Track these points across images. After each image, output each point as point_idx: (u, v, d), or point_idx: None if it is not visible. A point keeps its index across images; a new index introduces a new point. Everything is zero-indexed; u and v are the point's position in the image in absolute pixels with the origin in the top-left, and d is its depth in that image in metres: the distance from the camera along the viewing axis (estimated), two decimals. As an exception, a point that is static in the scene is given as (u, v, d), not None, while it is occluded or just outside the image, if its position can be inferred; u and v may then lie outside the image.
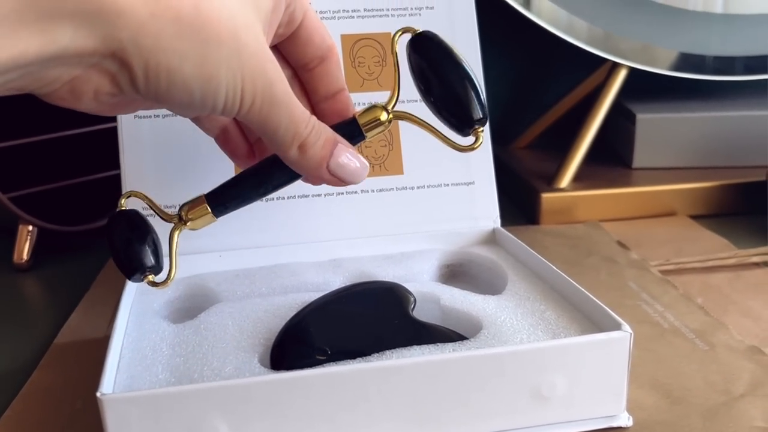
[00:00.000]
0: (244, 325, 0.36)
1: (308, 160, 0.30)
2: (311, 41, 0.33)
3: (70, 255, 0.56)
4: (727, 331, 0.41)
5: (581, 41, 0.62)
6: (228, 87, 0.26)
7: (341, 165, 0.31)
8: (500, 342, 0.34)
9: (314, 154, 0.30)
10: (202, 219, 0.33)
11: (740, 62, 0.66)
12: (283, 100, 0.28)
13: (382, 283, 0.40)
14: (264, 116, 0.28)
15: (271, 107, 0.28)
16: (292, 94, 0.29)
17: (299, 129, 0.29)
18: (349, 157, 0.31)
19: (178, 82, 0.25)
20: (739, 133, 0.65)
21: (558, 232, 0.58)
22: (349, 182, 0.32)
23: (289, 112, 0.29)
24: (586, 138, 0.63)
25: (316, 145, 0.30)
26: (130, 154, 0.44)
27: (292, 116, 0.29)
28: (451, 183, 0.48)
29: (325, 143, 0.30)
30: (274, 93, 0.28)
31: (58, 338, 0.43)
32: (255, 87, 0.27)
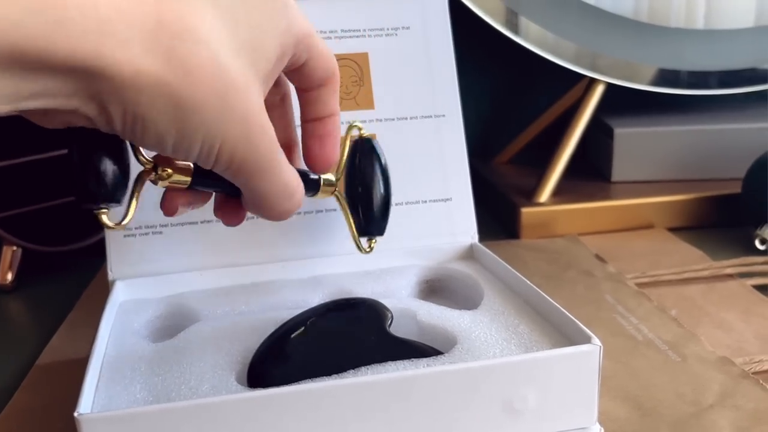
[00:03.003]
0: (223, 344, 0.36)
1: (266, 216, 0.32)
2: (314, 74, 0.33)
3: (54, 276, 0.57)
4: (699, 343, 0.42)
5: (565, 60, 0.64)
6: (203, 147, 0.26)
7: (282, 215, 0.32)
8: (474, 356, 0.34)
9: (277, 216, 0.32)
10: (176, 181, 0.30)
11: (715, 77, 0.68)
12: (267, 169, 0.28)
13: (359, 300, 0.40)
14: (240, 176, 0.28)
15: (251, 171, 0.28)
16: (281, 161, 0.29)
17: (279, 201, 0.30)
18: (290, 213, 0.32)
19: (152, 134, 0.25)
20: (714, 147, 0.66)
21: (537, 247, 0.59)
22: None
23: (272, 182, 0.29)
24: (564, 153, 0.64)
25: (286, 215, 0.32)
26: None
27: (274, 187, 0.29)
28: (429, 200, 0.48)
29: (291, 210, 0.32)
30: (258, 161, 0.28)
31: (40, 359, 0.44)
32: (234, 151, 0.27)
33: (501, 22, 0.63)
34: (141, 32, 0.23)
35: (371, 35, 0.49)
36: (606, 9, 0.66)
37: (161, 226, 0.44)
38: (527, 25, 0.64)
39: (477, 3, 0.62)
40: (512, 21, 0.64)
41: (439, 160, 0.49)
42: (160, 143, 0.26)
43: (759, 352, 0.41)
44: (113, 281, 0.43)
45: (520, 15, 0.64)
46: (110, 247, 0.43)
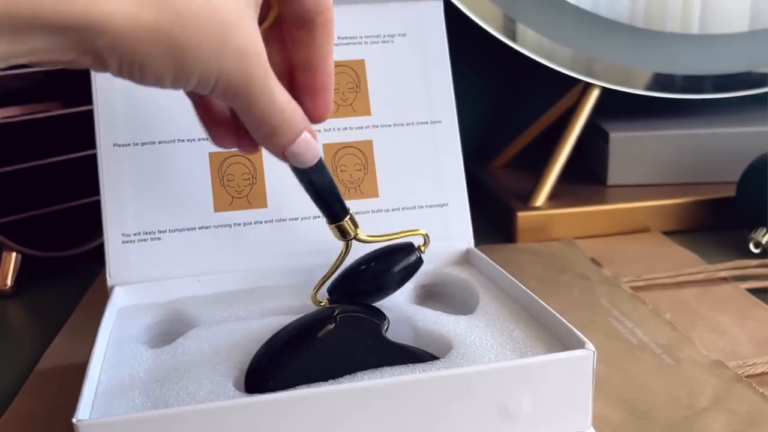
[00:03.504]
0: (221, 349, 0.37)
1: (271, 145, 0.32)
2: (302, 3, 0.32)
3: (53, 281, 0.57)
4: (693, 346, 0.42)
5: (561, 65, 0.64)
6: (201, 78, 0.27)
7: (295, 154, 0.32)
8: (469, 361, 0.35)
9: (278, 142, 0.31)
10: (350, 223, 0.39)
11: (709, 81, 0.68)
12: (260, 94, 0.29)
13: (356, 306, 0.41)
14: (237, 102, 0.29)
15: (244, 98, 0.29)
16: (272, 85, 0.29)
17: (272, 119, 0.30)
18: (305, 146, 0.32)
19: (149, 74, 0.26)
20: (709, 150, 0.67)
21: (533, 250, 0.59)
22: (297, 165, 0.34)
23: (263, 104, 0.29)
24: (560, 157, 0.64)
25: (284, 134, 0.31)
26: (109, 181, 0.44)
27: (267, 108, 0.30)
28: (426, 205, 0.49)
29: (291, 132, 0.31)
30: (252, 87, 0.28)
31: (40, 364, 0.44)
32: (230, 82, 0.28)
33: (498, 29, 0.63)
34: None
35: (368, 42, 0.49)
36: (602, 14, 0.67)
37: (159, 232, 0.44)
38: (524, 31, 0.65)
39: (474, 11, 0.62)
40: (509, 27, 0.64)
41: (435, 165, 0.49)
42: (157, 81, 0.27)
43: (752, 356, 0.42)
44: (112, 287, 0.43)
45: (518, 22, 0.64)
46: (109, 253, 0.44)
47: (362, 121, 0.48)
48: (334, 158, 0.48)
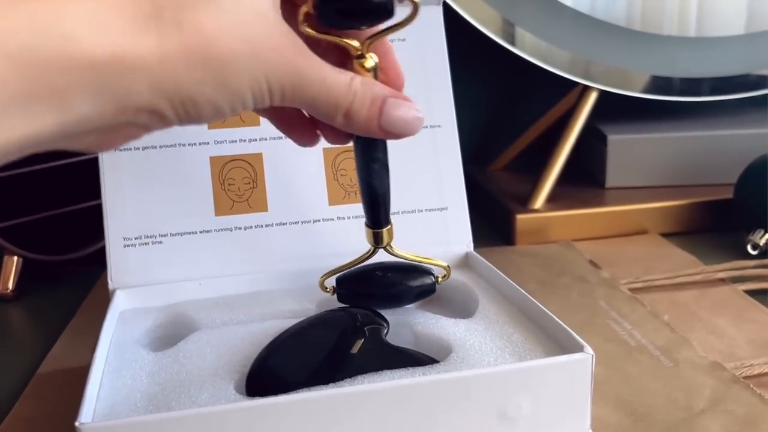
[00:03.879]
0: (222, 353, 0.37)
1: (355, 124, 0.30)
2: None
3: (55, 285, 0.57)
4: (691, 348, 0.43)
5: (560, 69, 0.65)
6: (254, 91, 0.27)
7: (391, 122, 0.31)
8: (468, 365, 0.35)
9: (361, 118, 0.30)
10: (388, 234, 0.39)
11: (707, 83, 0.68)
12: (315, 80, 0.28)
13: (356, 310, 0.41)
14: (298, 100, 0.28)
15: (303, 91, 0.28)
16: (323, 68, 0.28)
17: (339, 101, 0.29)
18: (401, 112, 0.31)
19: (204, 106, 0.26)
20: (707, 152, 0.67)
21: (532, 253, 0.60)
22: (403, 136, 0.32)
23: (324, 89, 0.28)
24: (558, 160, 0.65)
25: (362, 110, 0.30)
26: (110, 185, 0.45)
27: (328, 92, 0.29)
28: (425, 209, 0.49)
29: (372, 105, 0.30)
30: (303, 79, 0.28)
31: (42, 367, 0.44)
32: (282, 81, 0.27)
33: (497, 33, 0.64)
34: (145, 19, 0.24)
35: (367, 47, 0.49)
36: (599, 18, 0.67)
37: (161, 236, 0.45)
38: (523, 35, 0.65)
39: (474, 15, 0.63)
40: (508, 31, 0.65)
41: (434, 169, 0.49)
42: (217, 111, 0.26)
43: (750, 357, 0.42)
44: (113, 290, 0.44)
45: (516, 25, 0.65)
46: (111, 257, 0.44)
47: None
48: (334, 162, 0.48)
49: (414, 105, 0.31)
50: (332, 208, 0.48)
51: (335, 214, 0.48)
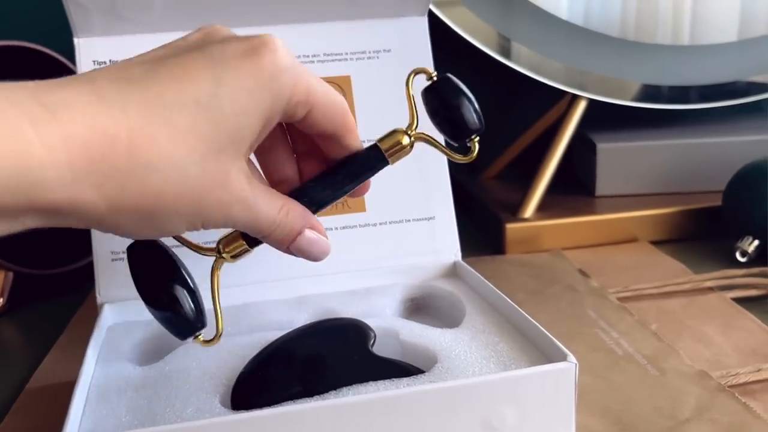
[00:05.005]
0: (208, 366, 0.37)
1: (269, 243, 0.33)
2: (317, 124, 0.33)
3: (46, 298, 0.57)
4: (678, 357, 0.43)
5: (554, 80, 0.65)
6: (187, 228, 0.30)
7: (299, 249, 0.34)
8: (453, 375, 0.35)
9: (274, 242, 0.33)
10: (241, 251, 0.34)
11: (695, 91, 0.69)
12: (246, 218, 0.30)
13: (343, 320, 0.41)
14: (229, 227, 0.31)
15: (234, 224, 0.31)
16: (257, 204, 0.30)
17: (262, 228, 0.32)
18: (309, 244, 0.34)
19: (138, 237, 0.30)
20: (696, 160, 0.67)
21: (522, 262, 0.60)
22: (308, 260, 0.34)
23: (252, 221, 0.31)
24: (548, 169, 0.65)
25: (278, 237, 0.32)
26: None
27: (256, 223, 0.31)
28: (413, 219, 0.49)
29: (288, 234, 0.33)
30: (235, 218, 0.30)
31: (31, 382, 0.44)
32: (216, 222, 0.30)
33: (494, 49, 0.64)
34: (114, 175, 0.26)
35: (353, 59, 0.50)
36: (593, 29, 0.67)
37: (149, 249, 0.45)
38: (519, 49, 0.65)
39: (471, 33, 0.63)
40: (504, 46, 0.65)
41: (422, 179, 0.49)
42: (149, 237, 0.30)
43: (737, 365, 0.42)
44: (102, 304, 0.44)
45: (511, 39, 0.65)
46: (98, 271, 0.44)
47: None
48: (322, 174, 0.48)
49: (323, 234, 0.34)
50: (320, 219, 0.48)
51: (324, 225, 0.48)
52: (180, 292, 0.32)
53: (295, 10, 0.48)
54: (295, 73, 0.30)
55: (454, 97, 0.36)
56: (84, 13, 0.43)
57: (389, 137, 0.35)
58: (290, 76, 0.30)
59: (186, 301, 0.32)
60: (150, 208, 0.27)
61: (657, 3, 0.69)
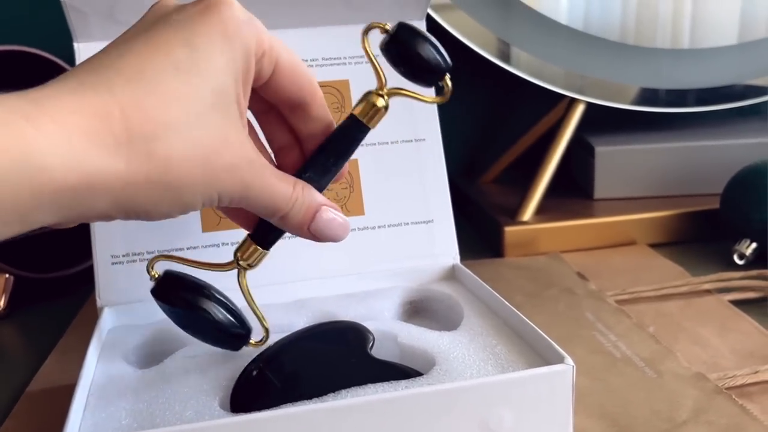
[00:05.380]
0: (207, 369, 0.37)
1: (288, 226, 0.33)
2: (283, 88, 0.33)
3: (46, 302, 0.58)
4: (675, 359, 0.43)
5: (554, 84, 0.65)
6: (204, 202, 0.29)
7: (320, 229, 0.34)
8: (451, 378, 0.35)
9: (294, 223, 0.33)
10: (259, 258, 0.36)
11: (693, 94, 0.69)
12: (261, 191, 0.31)
13: (341, 323, 0.41)
14: (243, 204, 0.31)
15: (249, 199, 0.31)
16: (271, 179, 0.31)
17: (280, 206, 0.32)
18: (330, 222, 0.34)
19: (155, 215, 0.29)
20: (694, 163, 0.68)
21: (520, 265, 0.60)
22: (329, 241, 0.34)
23: (268, 197, 0.31)
24: (546, 172, 0.65)
25: (296, 216, 0.33)
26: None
27: (272, 199, 0.31)
28: (411, 222, 0.49)
29: (306, 212, 0.33)
30: (251, 191, 0.30)
31: (31, 386, 0.44)
32: (231, 194, 0.30)
33: (494, 53, 0.64)
34: (117, 148, 0.26)
35: (351, 63, 0.50)
36: (593, 33, 0.67)
37: (148, 253, 0.45)
38: (518, 54, 0.66)
39: (470, 38, 0.64)
40: (504, 51, 0.65)
41: (420, 182, 0.50)
42: (167, 216, 0.29)
43: (733, 368, 0.42)
44: (101, 308, 0.44)
45: (512, 46, 0.66)
46: (98, 275, 0.44)
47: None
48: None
49: (341, 213, 0.34)
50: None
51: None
52: (217, 311, 0.35)
53: (293, 14, 0.48)
54: (254, 24, 0.31)
55: (415, 43, 0.35)
56: (83, 18, 0.44)
57: (362, 103, 0.35)
58: (251, 27, 0.30)
59: (226, 317, 0.35)
60: (161, 175, 0.27)
61: (657, 7, 0.69)
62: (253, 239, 0.35)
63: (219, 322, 0.35)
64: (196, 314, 0.35)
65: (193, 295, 0.35)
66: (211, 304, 0.35)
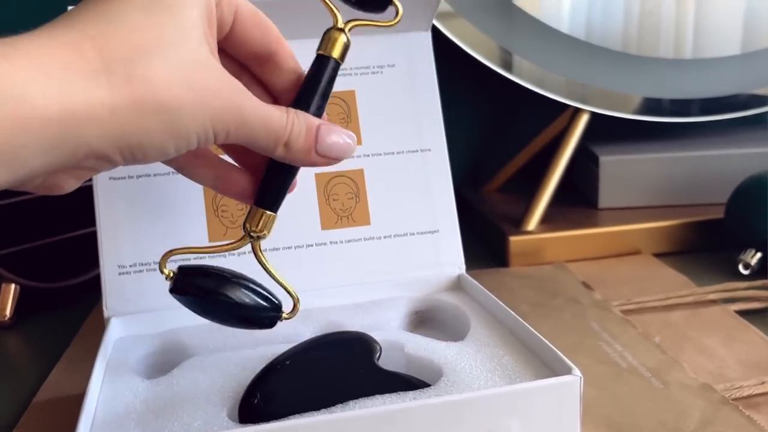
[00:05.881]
0: (215, 379, 0.37)
1: (295, 154, 0.32)
2: (249, 38, 0.33)
3: (52, 311, 0.58)
4: (681, 369, 0.43)
5: (556, 93, 0.66)
6: (199, 133, 0.28)
7: (328, 147, 0.33)
8: (459, 388, 0.35)
9: (299, 148, 0.32)
10: (269, 222, 0.35)
11: (696, 104, 0.69)
12: (255, 118, 0.30)
13: (348, 334, 0.41)
14: (241, 137, 0.30)
15: (245, 129, 0.30)
16: (261, 106, 0.30)
17: (279, 134, 0.31)
18: (334, 137, 0.33)
19: (151, 150, 0.27)
20: (698, 173, 0.68)
21: (525, 274, 0.60)
22: (340, 159, 0.34)
23: (263, 124, 0.30)
24: (551, 182, 0.65)
25: (299, 139, 0.32)
26: (105, 213, 0.45)
27: (268, 127, 0.31)
28: (417, 232, 0.50)
29: (308, 134, 0.32)
30: (245, 118, 0.30)
31: (38, 396, 0.45)
32: (226, 123, 0.29)
33: (496, 62, 0.65)
34: (95, 75, 0.25)
35: (357, 73, 0.50)
36: (595, 43, 0.68)
37: (155, 263, 0.45)
38: (520, 63, 0.66)
39: (473, 46, 0.64)
40: (506, 60, 0.66)
41: (425, 193, 0.50)
42: (163, 153, 0.28)
43: (740, 378, 0.42)
44: (108, 318, 0.44)
45: (514, 53, 0.66)
46: (105, 285, 0.45)
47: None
48: (327, 187, 0.49)
49: (343, 129, 0.34)
50: (325, 233, 0.48)
51: (328, 239, 0.48)
52: (242, 293, 0.34)
53: (299, 25, 0.49)
54: None
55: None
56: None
57: (326, 42, 0.35)
58: None
59: (251, 297, 0.34)
60: (147, 96, 0.26)
61: (659, 16, 0.69)
62: (258, 205, 0.35)
63: (245, 304, 0.34)
64: (221, 300, 0.34)
65: (213, 281, 0.34)
66: (234, 286, 0.34)
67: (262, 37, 0.33)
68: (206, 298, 0.34)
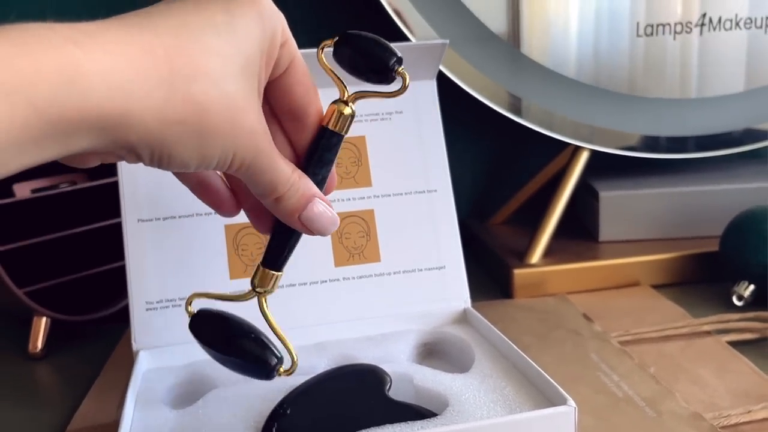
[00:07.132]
0: (237, 410, 0.40)
1: (281, 210, 0.34)
2: (291, 91, 0.35)
3: (81, 343, 0.61)
4: (674, 399, 0.46)
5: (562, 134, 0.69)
6: (220, 159, 0.31)
7: (310, 218, 0.35)
8: (464, 418, 0.38)
9: (287, 206, 0.34)
10: (274, 280, 0.37)
11: (692, 141, 0.72)
12: (268, 167, 0.32)
13: (361, 366, 0.44)
14: (249, 175, 0.33)
15: (256, 170, 0.32)
16: (277, 157, 0.33)
17: (278, 186, 0.33)
18: (320, 213, 0.35)
19: (177, 162, 0.30)
20: (695, 207, 0.71)
21: (528, 306, 0.63)
22: (316, 233, 0.36)
23: (271, 175, 0.33)
24: (553, 216, 0.68)
25: (291, 199, 0.34)
26: (133, 253, 0.49)
27: (274, 179, 0.33)
28: (424, 268, 0.53)
29: (300, 198, 0.34)
30: (261, 161, 0.32)
31: (71, 425, 0.47)
32: (244, 158, 0.31)
33: (504, 107, 0.68)
34: (159, 84, 0.28)
35: (368, 120, 0.54)
36: (602, 86, 0.70)
37: (180, 299, 0.48)
38: (528, 106, 0.69)
39: (481, 92, 0.67)
40: (515, 104, 0.69)
41: (432, 231, 0.53)
42: (185, 167, 0.30)
43: (729, 407, 0.45)
44: (137, 351, 0.47)
45: (523, 100, 0.69)
46: (134, 320, 0.48)
47: (364, 192, 0.53)
48: (340, 227, 0.52)
49: (331, 210, 0.35)
50: (338, 269, 0.52)
51: (341, 275, 0.51)
52: (246, 345, 0.35)
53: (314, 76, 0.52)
54: (281, 16, 0.33)
55: (361, 43, 0.36)
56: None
57: (330, 115, 0.36)
58: (279, 15, 0.33)
59: (253, 351, 0.35)
60: (193, 118, 0.28)
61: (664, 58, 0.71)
62: (264, 265, 0.37)
63: (246, 358, 0.36)
64: (226, 349, 0.36)
65: (222, 330, 0.36)
66: (240, 338, 0.36)
67: (302, 96, 0.35)
68: (211, 346, 0.36)
